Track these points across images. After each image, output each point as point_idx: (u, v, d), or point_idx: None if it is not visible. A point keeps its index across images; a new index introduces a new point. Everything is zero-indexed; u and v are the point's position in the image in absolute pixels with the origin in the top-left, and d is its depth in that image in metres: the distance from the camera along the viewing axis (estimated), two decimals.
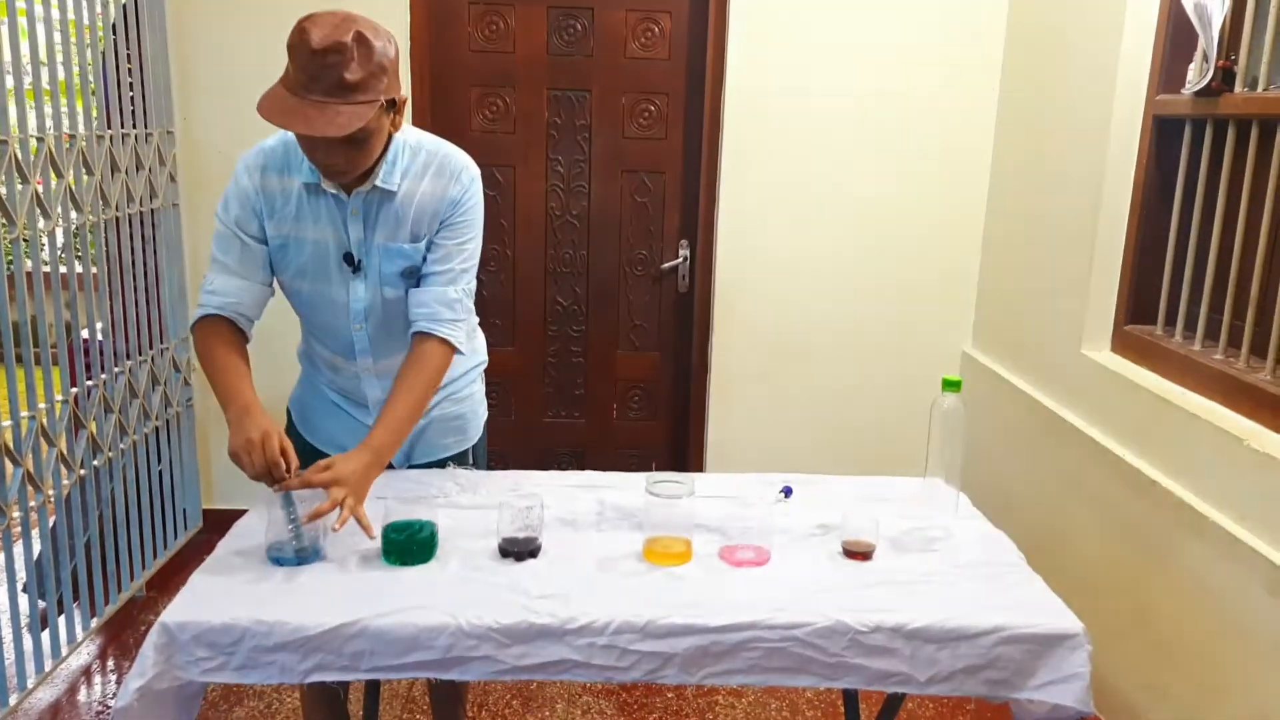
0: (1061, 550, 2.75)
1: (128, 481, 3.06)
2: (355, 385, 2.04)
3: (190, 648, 1.52)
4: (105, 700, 2.75)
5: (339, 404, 2.09)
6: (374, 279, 1.90)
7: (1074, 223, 2.85)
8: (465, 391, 2.13)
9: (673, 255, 3.65)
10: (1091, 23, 2.80)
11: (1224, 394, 2.29)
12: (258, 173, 1.87)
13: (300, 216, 1.87)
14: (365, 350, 1.98)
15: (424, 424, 2.05)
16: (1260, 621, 1.98)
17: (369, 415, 2.03)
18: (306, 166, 1.83)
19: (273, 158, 1.87)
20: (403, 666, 1.55)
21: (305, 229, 1.87)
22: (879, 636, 1.57)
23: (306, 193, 1.86)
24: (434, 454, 2.12)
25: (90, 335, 2.87)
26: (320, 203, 1.86)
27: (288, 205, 1.87)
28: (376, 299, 1.92)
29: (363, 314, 1.93)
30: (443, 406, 2.09)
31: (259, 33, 3.33)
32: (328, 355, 2.03)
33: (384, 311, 1.93)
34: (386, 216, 1.87)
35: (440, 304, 1.90)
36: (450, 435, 2.12)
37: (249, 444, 1.71)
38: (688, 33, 3.47)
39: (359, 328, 1.94)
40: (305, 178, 1.84)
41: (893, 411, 3.59)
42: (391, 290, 1.91)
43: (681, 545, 1.76)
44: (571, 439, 3.80)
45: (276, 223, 1.88)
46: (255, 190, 1.86)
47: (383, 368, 1.99)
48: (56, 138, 2.62)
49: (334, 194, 1.85)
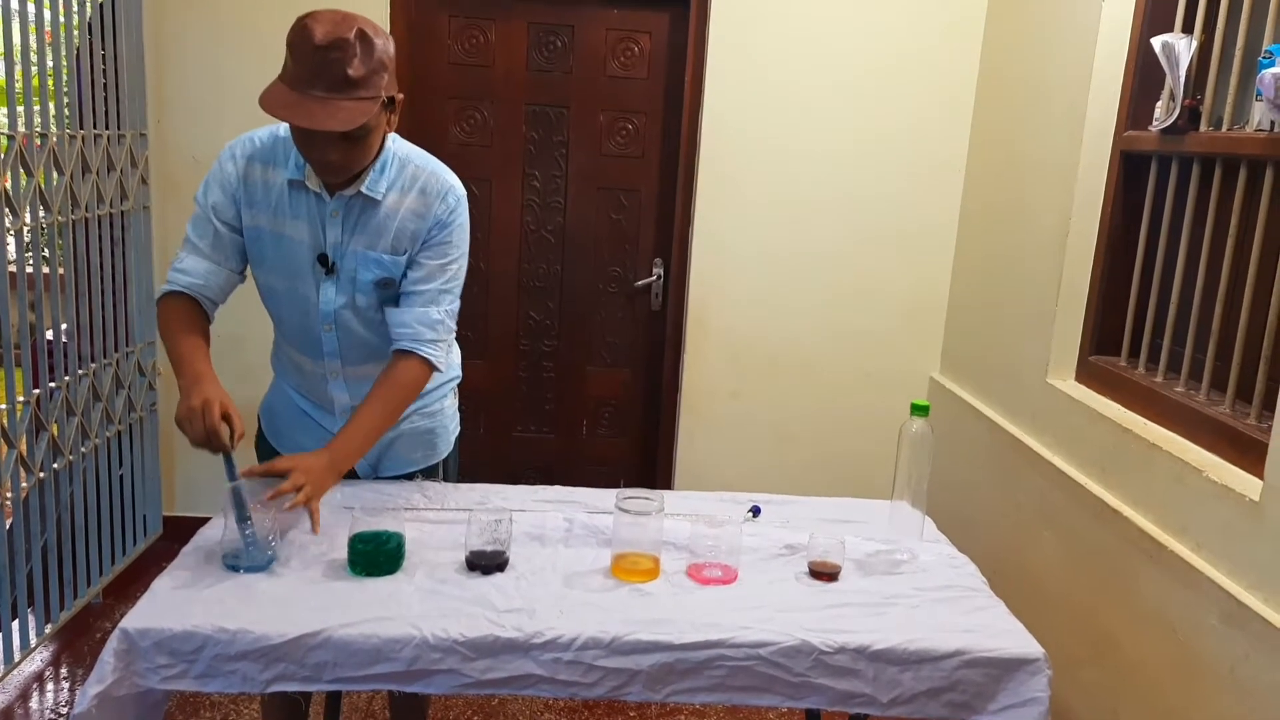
0: (1024, 575, 2.78)
1: (88, 486, 3.01)
2: (323, 389, 2.02)
3: (151, 654, 1.50)
4: (58, 707, 2.70)
5: (307, 411, 2.08)
6: (347, 283, 1.89)
7: (1042, 254, 2.90)
8: (436, 406, 2.12)
9: (646, 273, 3.67)
10: (1062, 59, 2.85)
11: (1185, 426, 2.33)
12: (243, 161, 1.87)
13: (279, 211, 1.86)
14: (334, 353, 1.96)
15: (393, 436, 2.04)
16: (1215, 650, 2.01)
17: (335, 423, 2.02)
18: (293, 162, 1.83)
19: (260, 149, 1.87)
20: (366, 678, 1.54)
21: (283, 224, 1.86)
22: (843, 657, 1.58)
23: (289, 188, 1.85)
24: (402, 467, 2.11)
25: (55, 336, 2.83)
26: (301, 200, 1.85)
27: (269, 197, 1.86)
28: (348, 303, 1.91)
29: (332, 316, 1.92)
30: (413, 420, 2.08)
31: (236, 37, 3.32)
32: (296, 356, 2.02)
33: (355, 317, 1.93)
34: (367, 224, 1.87)
35: (422, 324, 1.90)
36: (419, 449, 2.12)
37: (190, 410, 1.71)
38: (667, 53, 3.50)
39: (328, 328, 1.93)
40: (290, 174, 1.84)
41: (861, 435, 3.61)
42: (364, 297, 1.91)
43: (649, 562, 1.76)
44: (541, 454, 3.79)
45: (255, 213, 1.87)
46: (238, 178, 1.86)
47: (350, 373, 1.98)
48: (27, 136, 2.59)
49: (316, 193, 1.84)
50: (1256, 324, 2.19)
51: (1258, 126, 2.20)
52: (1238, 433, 2.15)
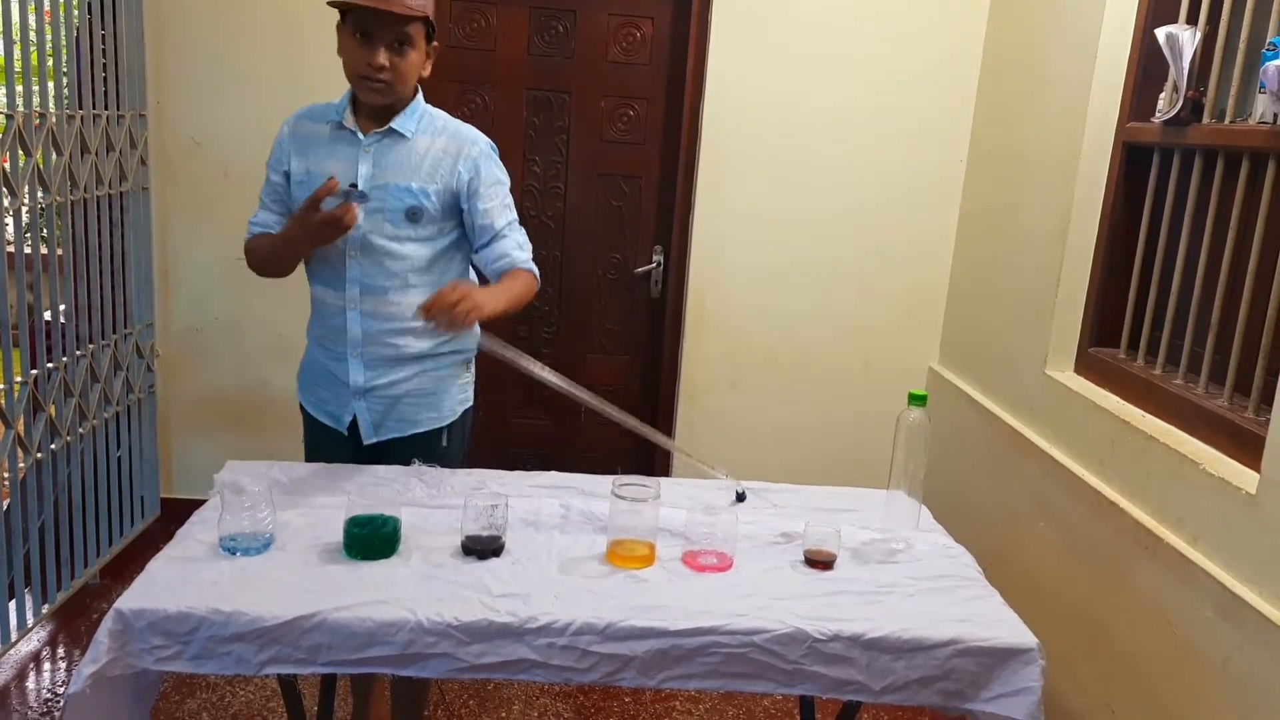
0: (1020, 566, 2.78)
1: (85, 467, 3.01)
2: (340, 325, 2.13)
3: (145, 635, 1.51)
4: (55, 687, 2.71)
5: (326, 364, 2.20)
6: (374, 212, 2.06)
7: (1042, 245, 2.89)
8: (441, 371, 2.22)
9: (646, 260, 3.66)
10: (1066, 50, 2.84)
11: (1182, 418, 2.33)
12: (294, 121, 2.16)
13: (321, 153, 2.11)
14: (355, 279, 2.10)
15: (398, 395, 2.17)
16: (1209, 642, 2.01)
17: (346, 371, 2.15)
18: (335, 111, 2.11)
19: (309, 111, 2.17)
20: (360, 661, 1.54)
21: (324, 163, 2.09)
22: (837, 645, 1.58)
23: (331, 132, 2.10)
24: (405, 429, 2.20)
25: (53, 317, 2.83)
26: (340, 140, 2.10)
27: (313, 144, 2.12)
28: (375, 232, 2.07)
29: (359, 241, 2.08)
30: (418, 380, 2.19)
31: (236, 18, 3.31)
32: (320, 293, 2.17)
33: (378, 244, 2.09)
34: (397, 158, 2.09)
35: (513, 250, 2.15)
36: (423, 410, 2.21)
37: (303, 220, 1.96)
38: (669, 39, 3.49)
39: (354, 254, 2.09)
40: (333, 119, 2.11)
41: (859, 424, 3.61)
42: (390, 226, 2.08)
43: (645, 549, 1.77)
44: (538, 440, 3.79)
45: (302, 159, 2.12)
46: (289, 135, 2.15)
47: (366, 305, 2.11)
48: (26, 115, 2.58)
49: (352, 131, 2.08)
50: (1256, 317, 2.19)
51: (1260, 119, 2.19)
52: (1236, 426, 2.15)
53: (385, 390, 2.16)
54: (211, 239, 3.42)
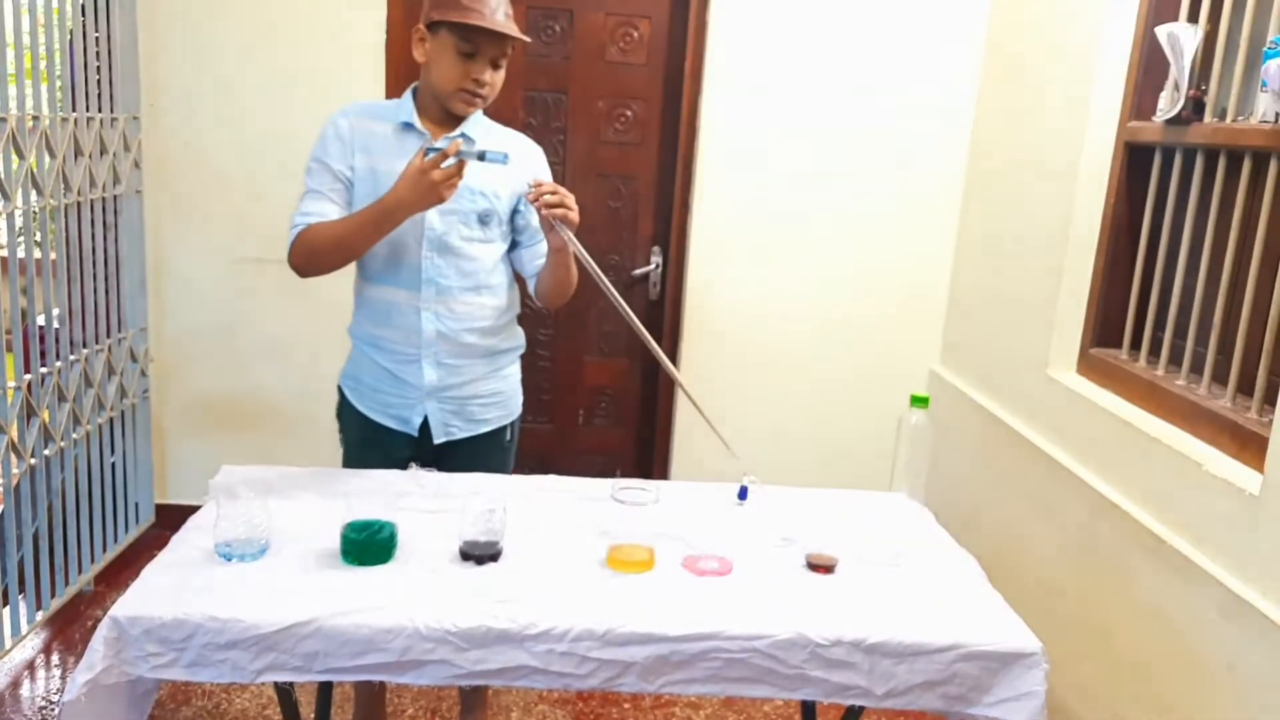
0: (1023, 569, 2.77)
1: (79, 472, 2.99)
2: (414, 326, 2.15)
3: (140, 643, 1.49)
4: (49, 695, 2.68)
5: (388, 367, 2.20)
6: (449, 214, 2.10)
7: (1043, 245, 2.88)
8: (508, 370, 2.33)
9: (645, 262, 3.64)
10: (1067, 49, 2.83)
11: (1185, 419, 2.32)
12: (354, 117, 2.15)
13: (391, 153, 2.11)
14: (431, 279, 2.14)
15: (469, 395, 2.24)
16: (1213, 644, 2.00)
17: (418, 372, 2.17)
18: (403, 112, 2.14)
19: (367, 108, 2.20)
20: (357, 668, 1.52)
21: (395, 163, 2.06)
22: (839, 650, 1.57)
23: (400, 133, 2.13)
24: (477, 427, 2.28)
25: (46, 322, 2.81)
26: (409, 140, 2.12)
27: (381, 143, 2.13)
28: (450, 233, 2.13)
29: (435, 243, 2.12)
30: (490, 383, 2.27)
31: (230, 22, 3.29)
32: (389, 294, 2.16)
33: (454, 245, 2.14)
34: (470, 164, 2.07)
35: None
36: (494, 410, 2.30)
37: (416, 181, 1.93)
38: (667, 39, 3.47)
39: (430, 255, 2.13)
40: (399, 120, 2.13)
41: (860, 426, 3.60)
42: (465, 228, 2.13)
43: (644, 553, 1.75)
44: (537, 444, 3.77)
45: (369, 156, 2.12)
46: (350, 130, 2.14)
47: (441, 306, 2.15)
48: (19, 118, 2.56)
49: (422, 133, 2.12)
50: (1259, 317, 2.17)
51: (1262, 118, 2.18)
52: (1238, 426, 2.13)
53: (457, 390, 2.22)
54: (205, 242, 3.40)
